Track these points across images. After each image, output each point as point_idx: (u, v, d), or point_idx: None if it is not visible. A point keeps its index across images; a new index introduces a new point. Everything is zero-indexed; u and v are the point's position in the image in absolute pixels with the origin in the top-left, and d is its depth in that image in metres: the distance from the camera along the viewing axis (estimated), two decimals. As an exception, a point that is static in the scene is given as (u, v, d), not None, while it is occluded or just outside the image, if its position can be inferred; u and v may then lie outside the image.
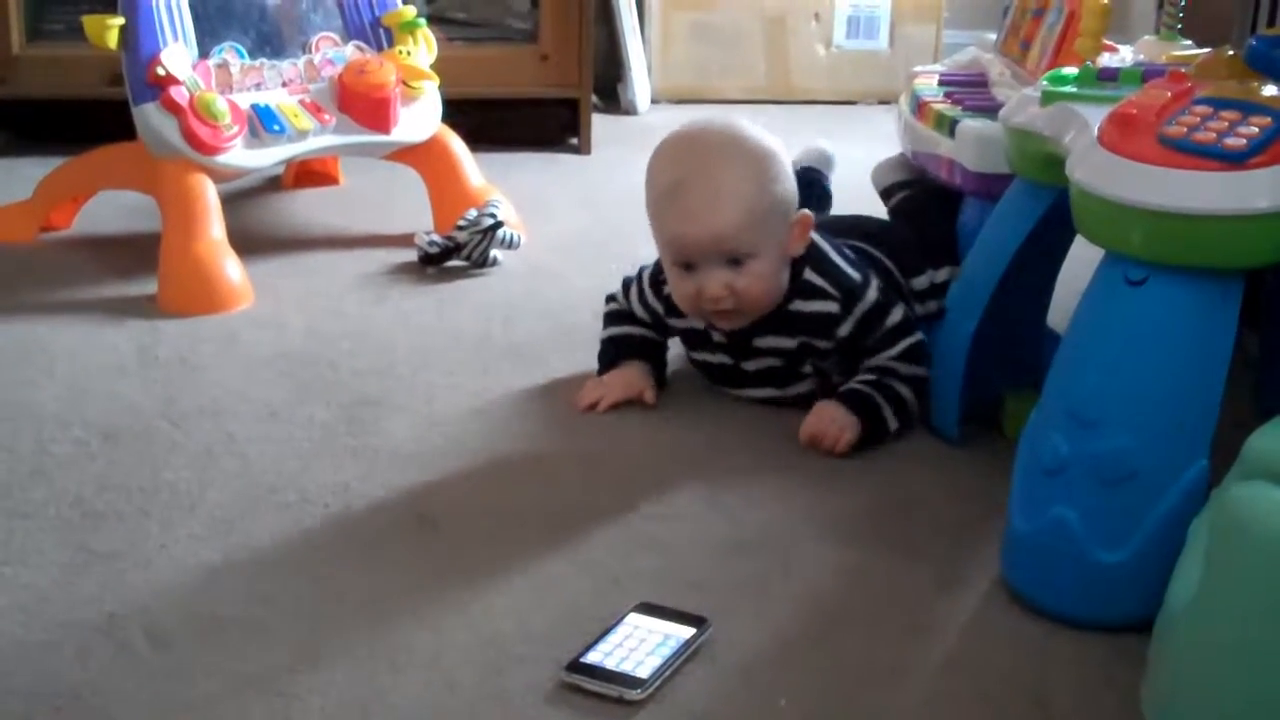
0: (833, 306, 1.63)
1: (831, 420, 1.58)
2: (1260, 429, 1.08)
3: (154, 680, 1.14)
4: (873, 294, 1.63)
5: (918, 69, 2.21)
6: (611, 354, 1.76)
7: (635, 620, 1.21)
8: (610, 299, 1.80)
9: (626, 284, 1.78)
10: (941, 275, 1.76)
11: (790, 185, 1.61)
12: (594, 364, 1.77)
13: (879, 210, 2.09)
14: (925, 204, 2.02)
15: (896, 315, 1.64)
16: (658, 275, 1.72)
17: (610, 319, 1.79)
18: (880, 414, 1.60)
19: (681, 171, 1.59)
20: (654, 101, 3.62)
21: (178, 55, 2.08)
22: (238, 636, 1.21)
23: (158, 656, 1.18)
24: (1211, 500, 1.14)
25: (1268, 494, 0.99)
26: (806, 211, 1.63)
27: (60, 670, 1.16)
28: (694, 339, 1.72)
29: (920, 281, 1.76)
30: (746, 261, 1.58)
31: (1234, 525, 0.99)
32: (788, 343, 1.65)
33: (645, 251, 1.76)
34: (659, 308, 1.72)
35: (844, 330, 1.63)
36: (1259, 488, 0.99)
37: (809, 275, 1.64)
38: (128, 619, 1.23)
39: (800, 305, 1.63)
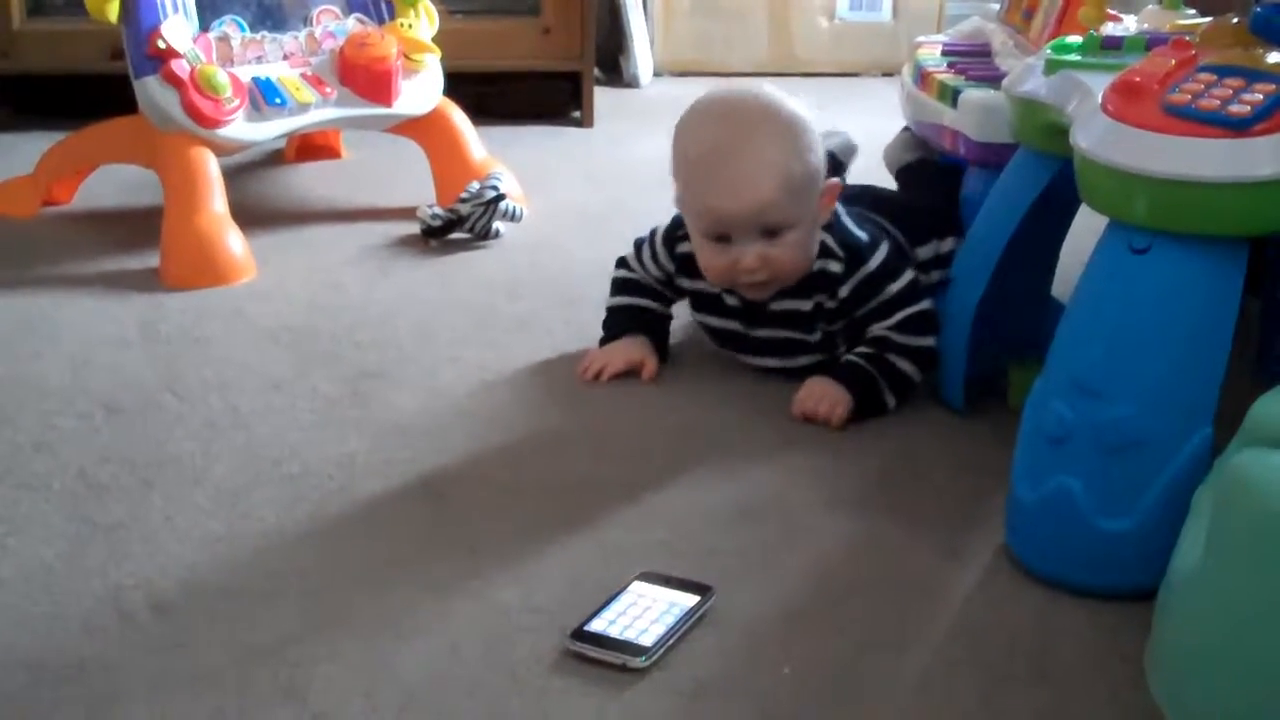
0: (836, 266, 1.63)
1: (822, 397, 1.58)
2: (1263, 396, 1.08)
3: (159, 651, 1.15)
4: (877, 259, 1.63)
5: (920, 39, 2.21)
6: (615, 325, 1.76)
7: (639, 588, 1.22)
8: (620, 263, 1.79)
9: (639, 244, 1.76)
10: (946, 246, 1.76)
11: (821, 153, 1.61)
12: (597, 336, 1.77)
13: (886, 183, 2.09)
14: (930, 174, 2.01)
15: (900, 283, 1.63)
16: (673, 234, 1.71)
17: (618, 286, 1.78)
18: (875, 388, 1.60)
19: (717, 142, 1.57)
20: (656, 74, 3.62)
21: (178, 28, 2.08)
22: (243, 607, 1.21)
23: (163, 628, 1.18)
24: (1215, 468, 1.14)
25: (1271, 461, 0.98)
26: (835, 179, 1.63)
27: (65, 642, 1.16)
28: (705, 302, 1.71)
29: (925, 251, 1.76)
30: (782, 232, 1.57)
31: (1237, 493, 0.99)
32: (803, 305, 1.64)
33: (647, 223, 1.75)
34: (670, 267, 1.72)
35: (844, 291, 1.63)
36: (1262, 455, 0.99)
37: (821, 236, 1.63)
38: (133, 591, 1.23)
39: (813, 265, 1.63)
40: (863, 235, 1.65)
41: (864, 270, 1.62)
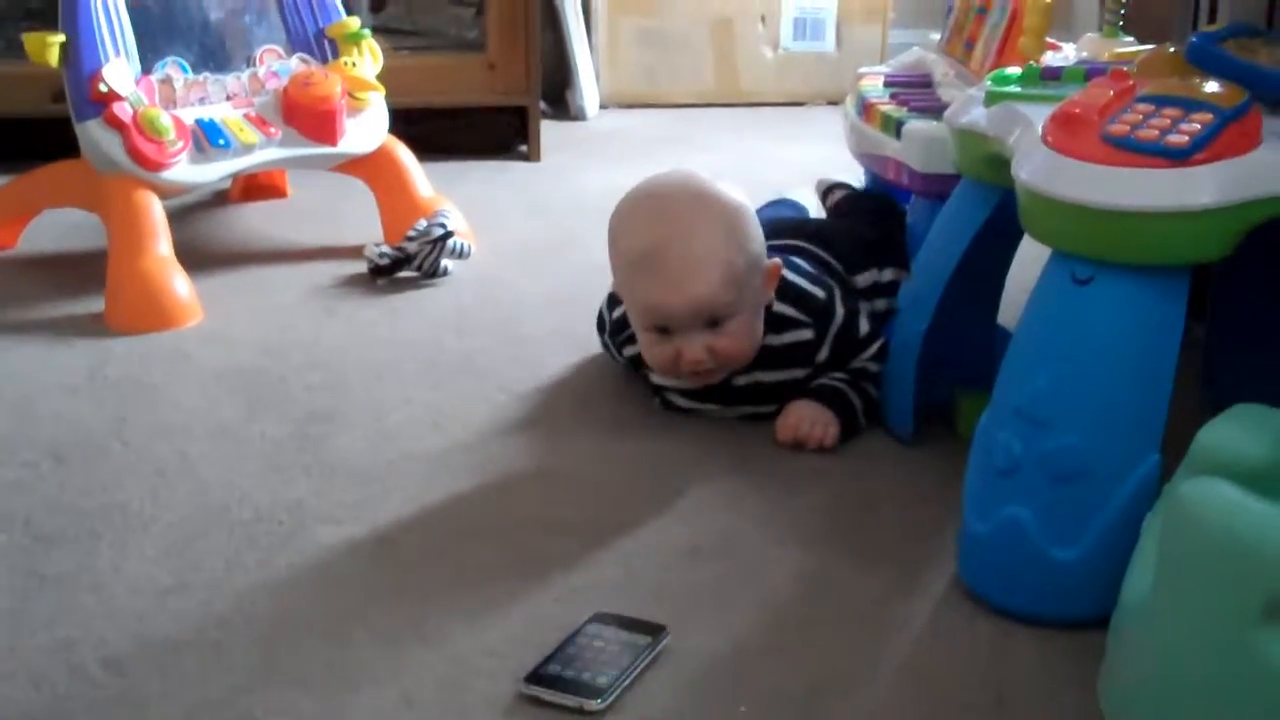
0: (807, 334, 1.62)
1: (814, 421, 1.59)
2: (1208, 423, 1.10)
3: (109, 706, 1.13)
4: (840, 309, 1.63)
5: (863, 70, 2.22)
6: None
7: (593, 630, 1.21)
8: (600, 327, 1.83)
9: (600, 324, 1.80)
10: (886, 275, 1.77)
11: (760, 236, 1.59)
12: (546, 375, 1.79)
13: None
14: (865, 203, 2.03)
15: (865, 323, 1.64)
16: (618, 336, 1.73)
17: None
18: (854, 411, 1.61)
19: (655, 237, 1.54)
20: (603, 107, 3.62)
21: (120, 71, 2.07)
22: (193, 659, 1.20)
23: (112, 682, 1.17)
24: (1163, 496, 1.14)
25: (1217, 489, 0.99)
26: (776, 260, 1.62)
27: (13, 697, 1.14)
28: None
29: (863, 279, 1.76)
30: (725, 322, 1.55)
31: (1184, 521, 1.00)
32: (769, 377, 1.63)
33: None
34: (624, 362, 1.76)
35: (823, 355, 1.63)
36: (1208, 483, 1.00)
37: (778, 307, 1.62)
38: (81, 644, 1.22)
39: (774, 339, 1.62)
40: (818, 292, 1.64)
41: (834, 326, 1.63)
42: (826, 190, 2.16)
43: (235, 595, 1.30)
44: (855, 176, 2.24)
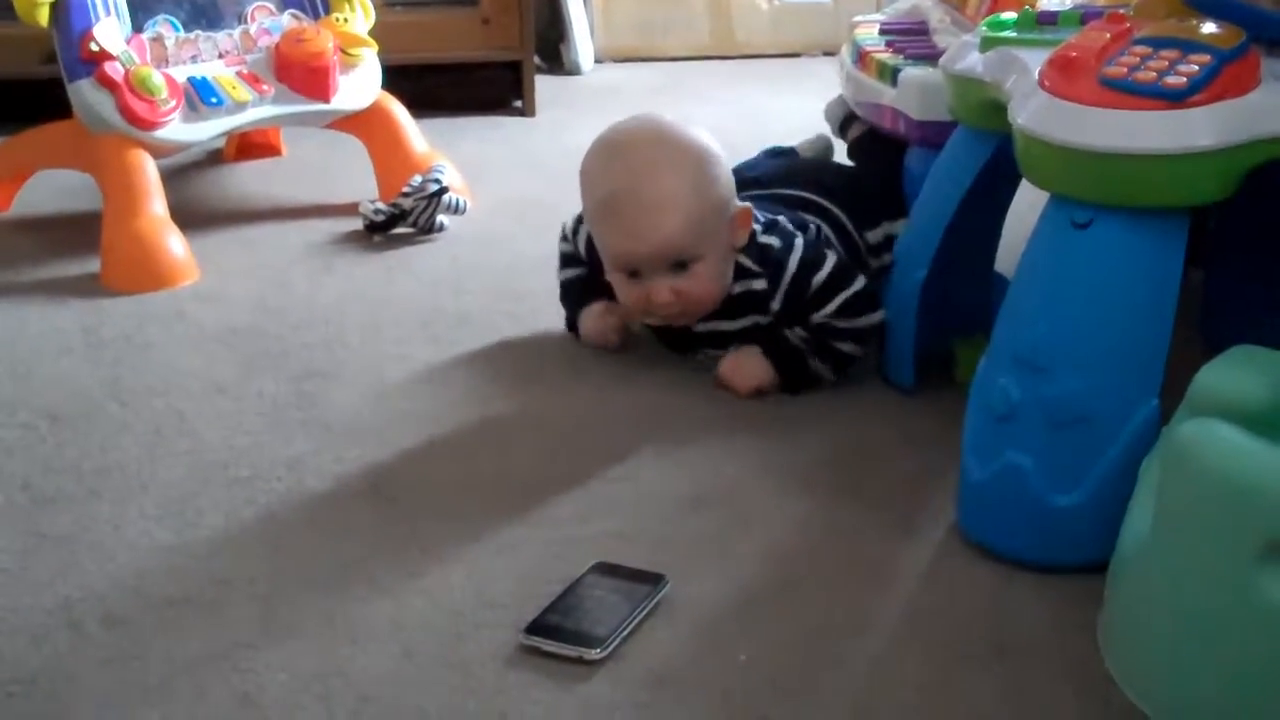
0: (760, 284, 1.62)
1: (746, 374, 1.60)
2: (1207, 365, 1.09)
3: (111, 663, 1.13)
4: (794, 259, 1.60)
5: (858, 19, 2.20)
6: (574, 299, 1.77)
7: (593, 580, 1.21)
8: (564, 237, 1.79)
9: (577, 226, 1.76)
10: (898, 228, 1.75)
11: (727, 179, 1.59)
12: (544, 328, 1.78)
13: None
14: (879, 147, 2.01)
15: (823, 272, 1.60)
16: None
17: (566, 260, 1.79)
18: (805, 367, 1.60)
19: (616, 184, 1.56)
20: (598, 61, 3.60)
21: (111, 30, 2.05)
22: (194, 615, 1.20)
23: (114, 639, 1.17)
24: (1161, 438, 1.14)
25: (1214, 430, 0.99)
26: (746, 205, 1.61)
27: (14, 657, 1.14)
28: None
29: (875, 235, 1.76)
30: (691, 265, 1.56)
31: (1182, 462, 1.00)
32: (728, 325, 1.64)
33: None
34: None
35: (776, 304, 1.62)
36: (1206, 424, 1.00)
37: (737, 257, 1.62)
38: (82, 602, 1.22)
39: (734, 288, 1.62)
40: (775, 240, 1.62)
41: (786, 276, 1.60)
42: (843, 122, 2.12)
43: (235, 552, 1.30)
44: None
